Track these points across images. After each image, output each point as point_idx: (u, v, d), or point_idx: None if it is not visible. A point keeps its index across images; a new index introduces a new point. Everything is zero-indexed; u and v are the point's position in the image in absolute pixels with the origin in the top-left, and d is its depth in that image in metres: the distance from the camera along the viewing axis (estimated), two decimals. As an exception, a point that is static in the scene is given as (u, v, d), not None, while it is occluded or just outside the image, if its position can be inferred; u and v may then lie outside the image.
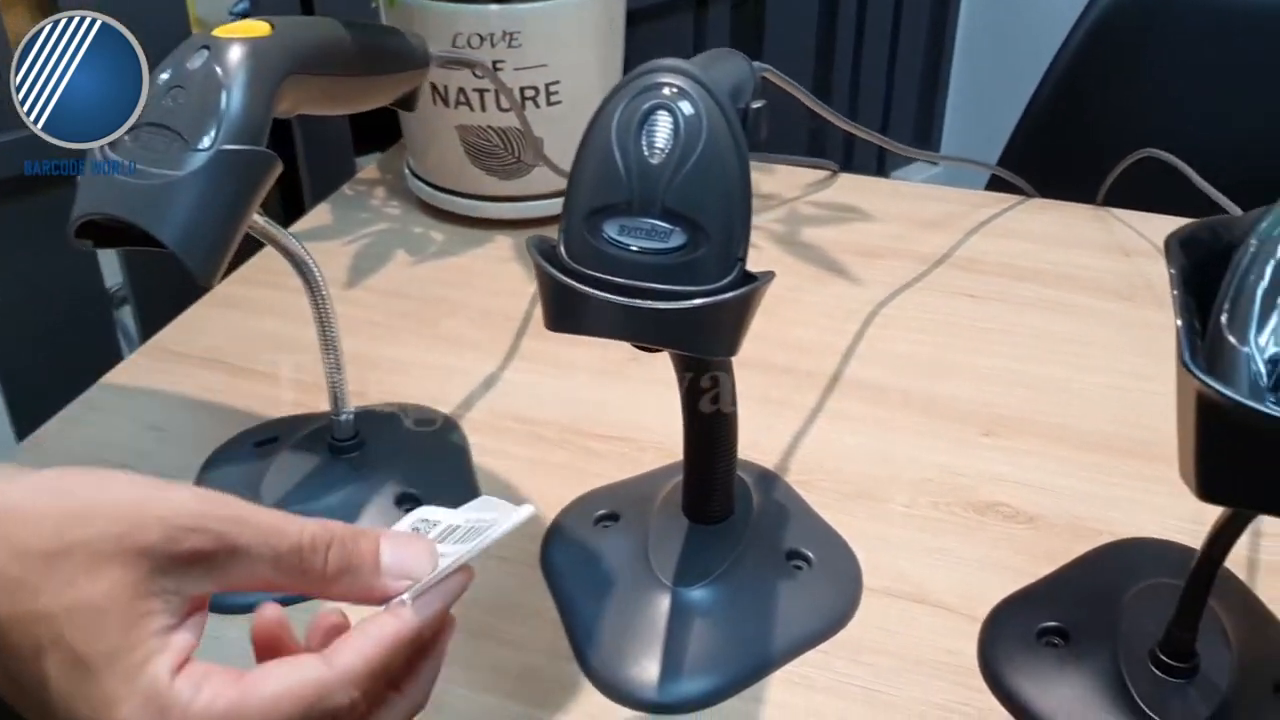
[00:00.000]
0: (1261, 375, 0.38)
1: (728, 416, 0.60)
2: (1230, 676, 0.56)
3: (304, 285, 0.65)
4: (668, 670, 0.59)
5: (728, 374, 0.59)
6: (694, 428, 0.61)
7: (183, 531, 0.35)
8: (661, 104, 0.46)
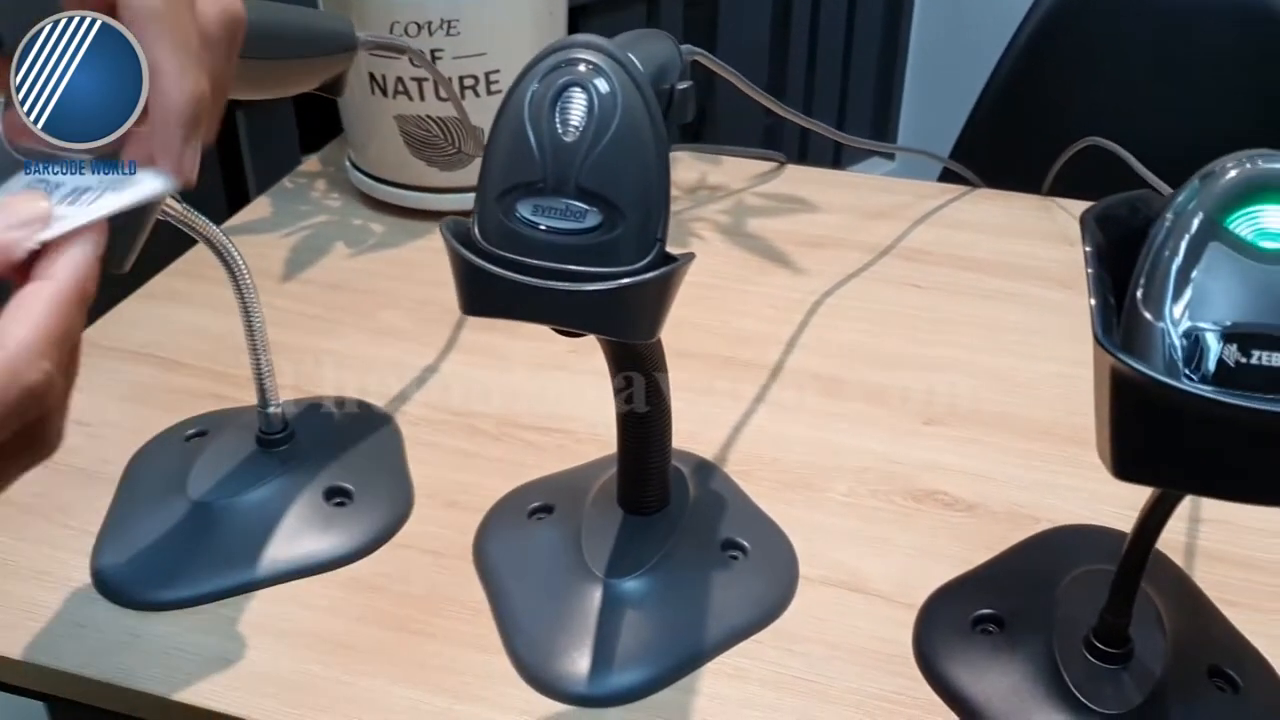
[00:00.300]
0: (1177, 351, 0.37)
1: (661, 413, 0.59)
2: (1165, 661, 0.56)
3: (228, 276, 0.64)
4: (598, 663, 0.58)
5: (661, 373, 0.58)
6: (626, 421, 0.60)
7: None
8: (576, 81, 0.45)
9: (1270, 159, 0.39)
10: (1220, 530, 0.67)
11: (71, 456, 0.73)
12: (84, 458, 0.73)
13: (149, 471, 0.70)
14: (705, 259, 0.94)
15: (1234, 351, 0.37)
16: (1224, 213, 0.38)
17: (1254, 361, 0.37)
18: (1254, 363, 0.37)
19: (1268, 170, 0.38)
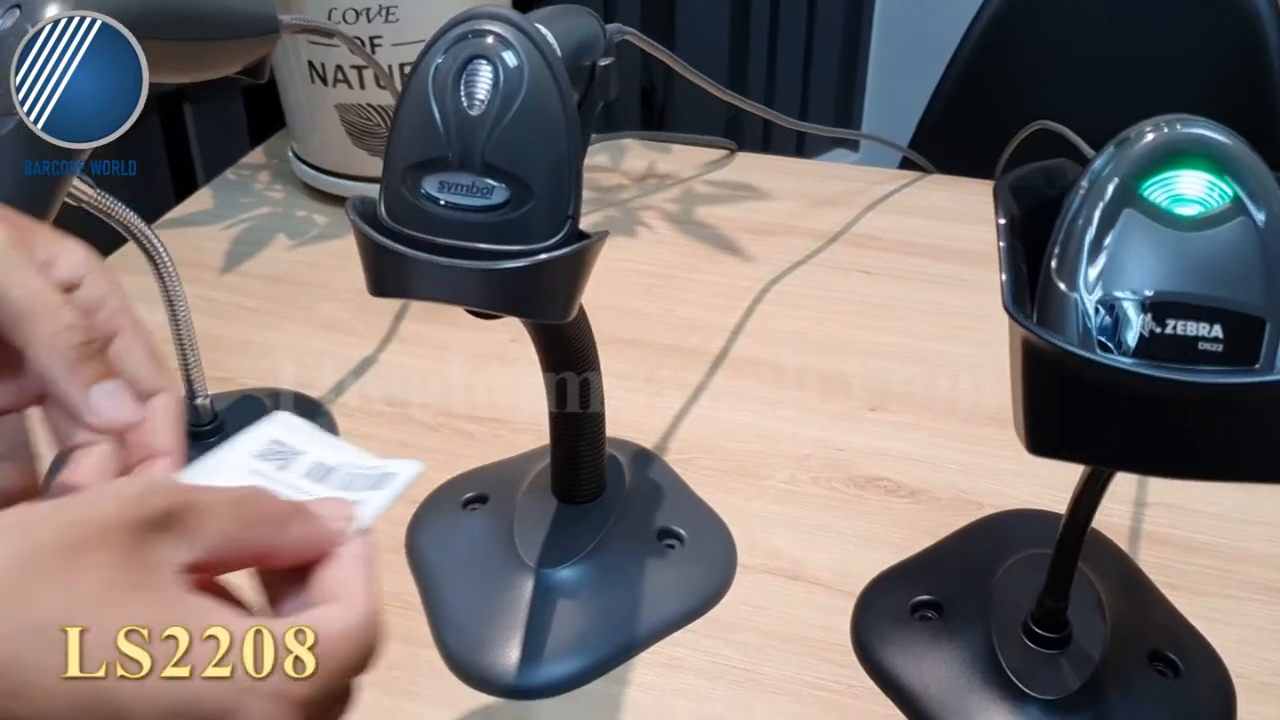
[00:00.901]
0: (1091, 321, 0.36)
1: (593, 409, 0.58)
2: (1104, 646, 0.55)
3: (149, 265, 0.62)
4: (528, 654, 0.57)
5: (594, 372, 0.57)
6: (559, 415, 0.58)
7: (141, 496, 0.32)
8: (482, 53, 0.43)
9: (1189, 123, 0.38)
10: (1165, 514, 0.66)
11: (-4, 452, 0.71)
12: (8, 453, 0.71)
13: (73, 466, 0.68)
14: (652, 248, 0.93)
15: (1149, 321, 0.36)
16: (1139, 178, 0.37)
17: (1168, 331, 0.36)
18: (1168, 332, 0.36)
19: (1185, 135, 0.37)
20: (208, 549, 0.33)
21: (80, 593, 0.30)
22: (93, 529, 0.31)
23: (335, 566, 0.36)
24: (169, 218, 0.98)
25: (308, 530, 0.36)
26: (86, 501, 0.31)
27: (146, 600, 0.31)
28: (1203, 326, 0.35)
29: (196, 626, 0.31)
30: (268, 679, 0.32)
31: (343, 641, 0.34)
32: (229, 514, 0.34)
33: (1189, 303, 0.36)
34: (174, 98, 1.22)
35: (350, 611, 0.34)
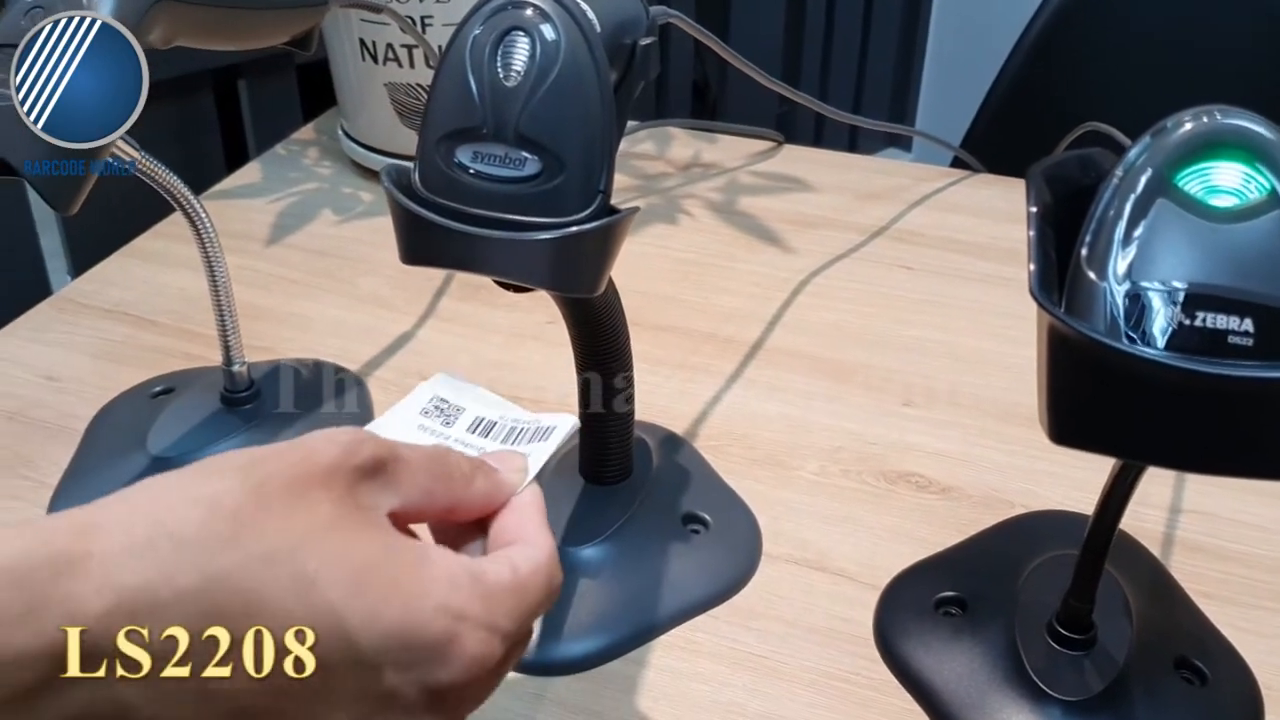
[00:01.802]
0: (1119, 311, 0.36)
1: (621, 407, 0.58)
2: (1129, 650, 0.54)
3: (190, 231, 0.63)
4: (548, 631, 0.57)
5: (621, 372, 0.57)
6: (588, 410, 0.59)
7: (354, 444, 0.35)
8: (520, 25, 0.44)
9: (1228, 114, 0.37)
10: (1200, 521, 0.65)
11: (38, 410, 0.72)
12: (50, 412, 0.72)
13: (112, 426, 0.70)
14: (692, 235, 0.93)
15: (1179, 313, 0.35)
16: (1174, 168, 0.36)
17: (1198, 323, 0.35)
18: (1198, 324, 0.35)
19: (1224, 125, 0.37)
20: (407, 499, 0.36)
21: (307, 526, 0.32)
22: (315, 470, 0.33)
23: (513, 513, 0.39)
24: (217, 189, 0.99)
25: (489, 484, 0.39)
26: (306, 446, 0.34)
27: (367, 536, 0.33)
28: (1233, 320, 0.35)
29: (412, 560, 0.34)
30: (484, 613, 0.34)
31: (535, 577, 0.36)
32: (425, 468, 0.36)
33: (1220, 295, 0.35)
34: (229, 73, 1.24)
35: (538, 550, 0.37)
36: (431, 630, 0.33)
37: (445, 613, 0.33)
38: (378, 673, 0.32)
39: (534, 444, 0.42)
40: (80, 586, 0.29)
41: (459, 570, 0.35)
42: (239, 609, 0.31)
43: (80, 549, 0.30)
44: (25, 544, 0.29)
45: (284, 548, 0.32)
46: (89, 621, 0.29)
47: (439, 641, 0.33)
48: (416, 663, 0.33)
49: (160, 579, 0.30)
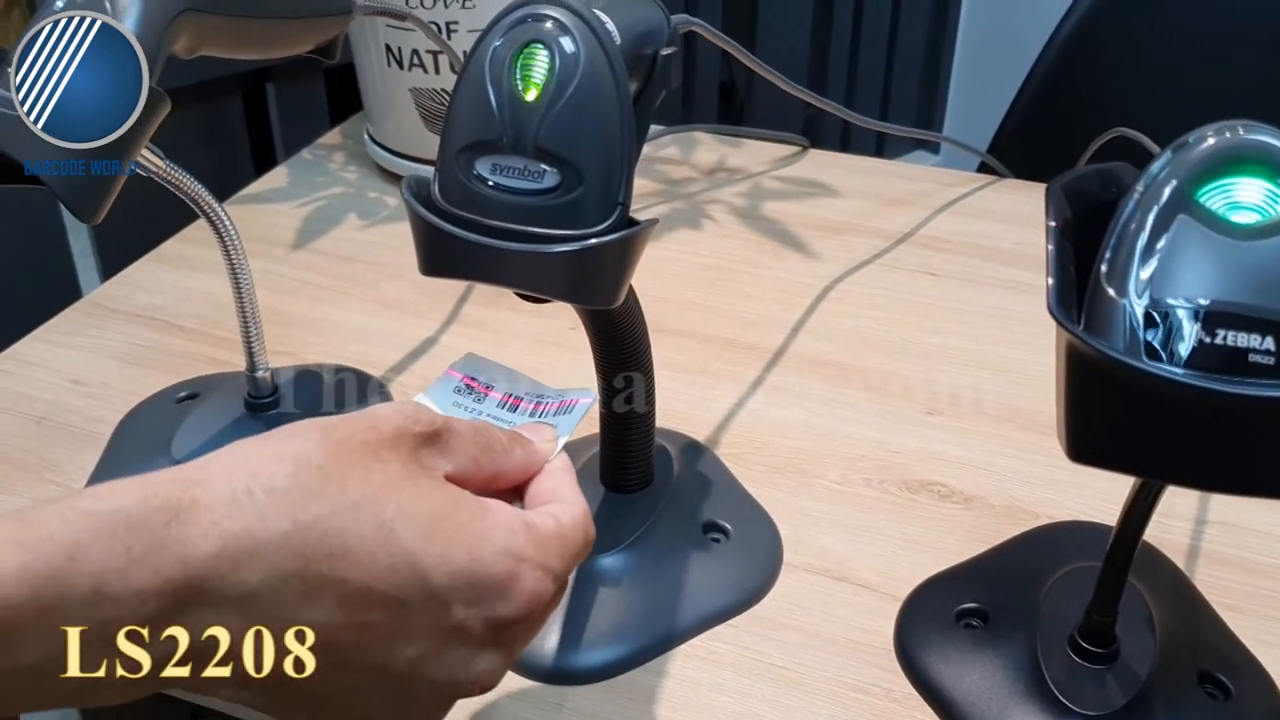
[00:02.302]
0: (1139, 329, 0.35)
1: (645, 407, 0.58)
2: (1152, 663, 0.54)
3: (215, 237, 0.64)
4: (567, 639, 0.57)
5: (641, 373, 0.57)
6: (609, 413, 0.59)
7: (414, 414, 0.39)
8: (539, 38, 0.44)
9: (1251, 129, 0.37)
10: (1226, 533, 0.64)
11: (64, 414, 0.73)
12: (77, 416, 0.73)
13: (137, 431, 0.70)
14: (716, 241, 0.92)
15: (1199, 330, 0.35)
16: (1195, 184, 0.36)
17: (1218, 341, 0.35)
18: (1218, 342, 0.35)
19: (1247, 141, 0.36)
20: (458, 465, 0.39)
21: (383, 480, 0.36)
22: (384, 434, 0.37)
23: (547, 478, 0.43)
24: (244, 194, 1.00)
25: (526, 454, 0.43)
26: (375, 414, 0.38)
27: (434, 490, 0.37)
28: (1254, 338, 0.34)
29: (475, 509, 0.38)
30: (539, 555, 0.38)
31: (575, 528, 0.40)
32: (472, 440, 0.40)
33: (1241, 313, 0.35)
34: (256, 77, 1.24)
35: (574, 507, 0.41)
36: (495, 569, 0.37)
37: (507, 554, 0.37)
38: (448, 608, 0.36)
39: (559, 417, 0.45)
40: (190, 531, 0.33)
41: (515, 519, 0.39)
42: (325, 552, 0.34)
43: (189, 497, 0.33)
44: (141, 493, 0.33)
45: (364, 498, 0.35)
46: (199, 561, 0.32)
47: (502, 579, 0.37)
48: (482, 598, 0.37)
49: (258, 524, 0.34)
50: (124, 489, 0.33)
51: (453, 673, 0.37)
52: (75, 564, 0.31)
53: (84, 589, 0.31)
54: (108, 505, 0.32)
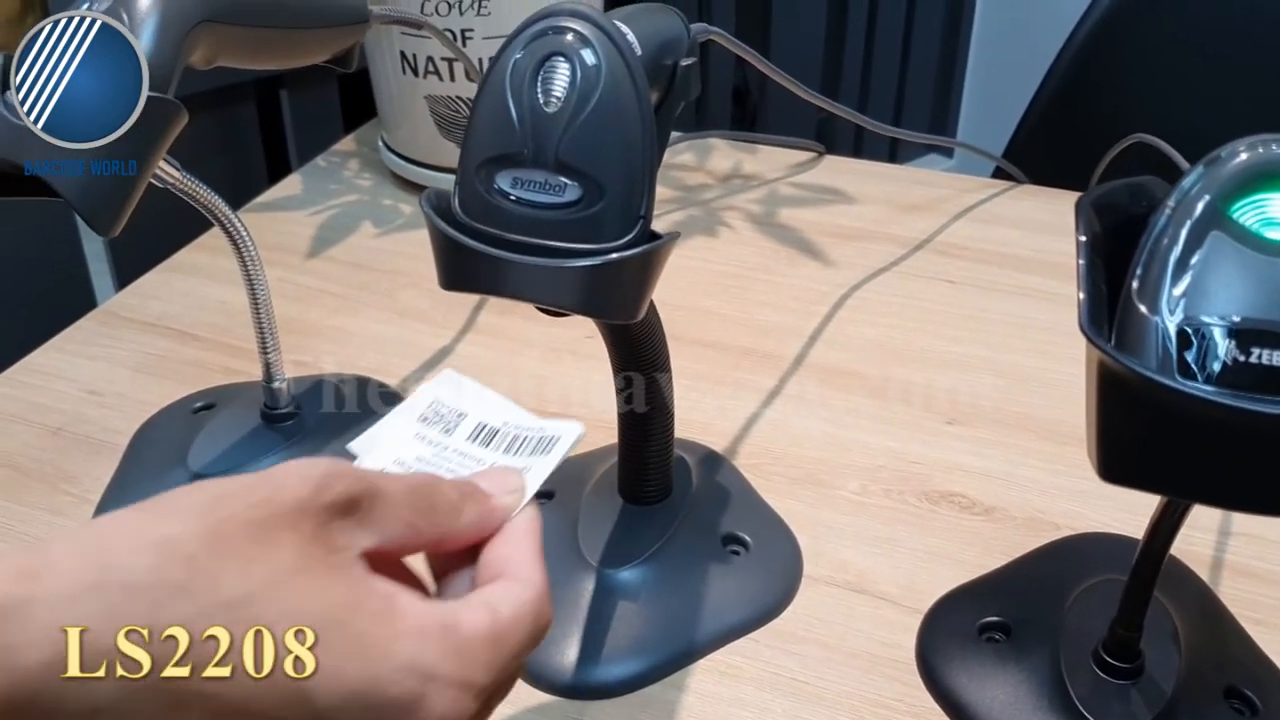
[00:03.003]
0: (1171, 346, 0.35)
1: (661, 410, 0.58)
2: (1178, 679, 0.53)
3: (231, 248, 0.63)
4: (586, 654, 0.57)
5: (663, 373, 0.56)
6: (627, 416, 0.58)
7: (325, 479, 0.32)
8: (560, 50, 0.43)
9: (1284, 144, 0.36)
10: (1250, 545, 0.64)
11: (80, 425, 0.73)
12: (93, 427, 0.73)
13: (153, 442, 0.70)
14: (732, 248, 0.92)
15: (1232, 348, 0.34)
16: (1229, 199, 0.35)
17: (1252, 359, 0.34)
18: (1252, 361, 0.34)
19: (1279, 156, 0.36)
20: (387, 536, 0.33)
21: (266, 574, 0.30)
22: (281, 510, 0.31)
23: (504, 541, 0.36)
24: (258, 201, 1.00)
25: (480, 512, 0.36)
26: (274, 482, 0.32)
27: (335, 582, 0.31)
28: (1290, 357, 0.34)
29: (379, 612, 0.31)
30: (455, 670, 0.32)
31: (517, 624, 0.34)
32: (407, 502, 0.34)
33: (1276, 331, 0.34)
34: (270, 83, 1.24)
35: (524, 589, 0.35)
36: (396, 691, 0.31)
37: (412, 672, 0.31)
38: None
39: (535, 456, 0.40)
40: (18, 635, 0.27)
41: (430, 623, 0.32)
42: None
43: (20, 593, 0.28)
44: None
45: (239, 597, 0.30)
46: (29, 672, 0.27)
47: (403, 702, 0.31)
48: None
49: (107, 628, 0.28)
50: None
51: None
52: None
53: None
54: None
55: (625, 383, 0.57)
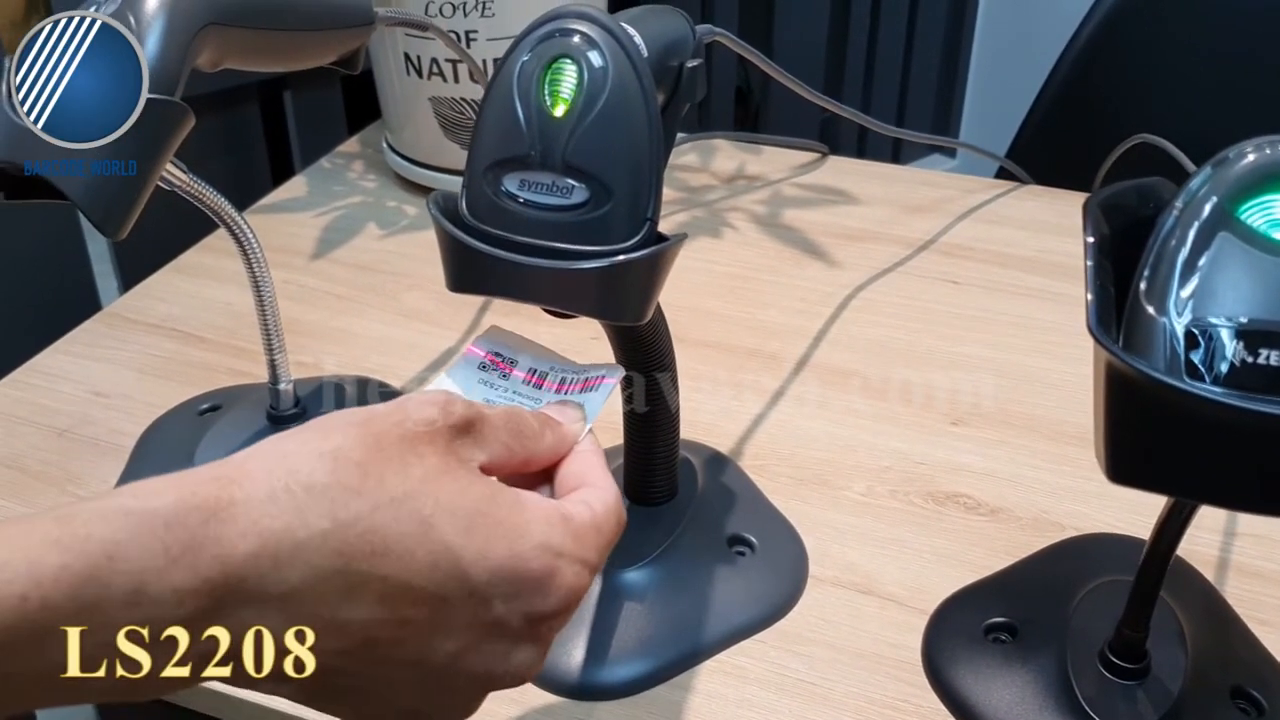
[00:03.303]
0: (1179, 347, 0.35)
1: (665, 411, 0.58)
2: (1184, 679, 0.53)
3: (238, 250, 0.63)
4: (593, 655, 0.57)
5: (665, 372, 0.56)
6: (631, 415, 0.58)
7: (447, 405, 0.38)
8: (567, 53, 0.43)
9: (1291, 146, 0.36)
10: (1256, 545, 0.64)
11: (87, 427, 0.73)
12: (99, 429, 0.73)
13: (160, 444, 0.70)
14: (737, 250, 0.92)
15: (1240, 349, 0.34)
16: (1236, 201, 0.35)
17: (1260, 361, 0.34)
18: (1260, 362, 0.34)
19: (1287, 157, 0.36)
20: (493, 454, 0.39)
21: (421, 475, 0.36)
22: (420, 428, 0.37)
23: (577, 460, 0.43)
24: (263, 203, 1.00)
25: (555, 437, 0.42)
26: (407, 408, 0.38)
27: (471, 484, 0.37)
28: (1298, 358, 0.34)
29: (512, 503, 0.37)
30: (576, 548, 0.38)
31: (609, 515, 0.40)
32: (504, 426, 0.40)
33: (1284, 332, 0.34)
34: (274, 85, 1.24)
35: (606, 492, 0.41)
36: (534, 565, 0.37)
37: (545, 549, 0.37)
38: (488, 603, 0.36)
39: (586, 395, 0.45)
40: (228, 530, 0.32)
41: (552, 512, 0.38)
42: (366, 549, 0.34)
43: (226, 496, 0.33)
44: (178, 492, 0.33)
45: (403, 494, 0.35)
46: (238, 560, 0.32)
47: (541, 575, 0.37)
48: (521, 594, 0.37)
49: (298, 522, 0.33)
50: (161, 487, 0.33)
51: (490, 666, 0.38)
52: (114, 564, 0.31)
53: (123, 589, 0.31)
54: (145, 504, 0.32)
55: (630, 384, 0.57)
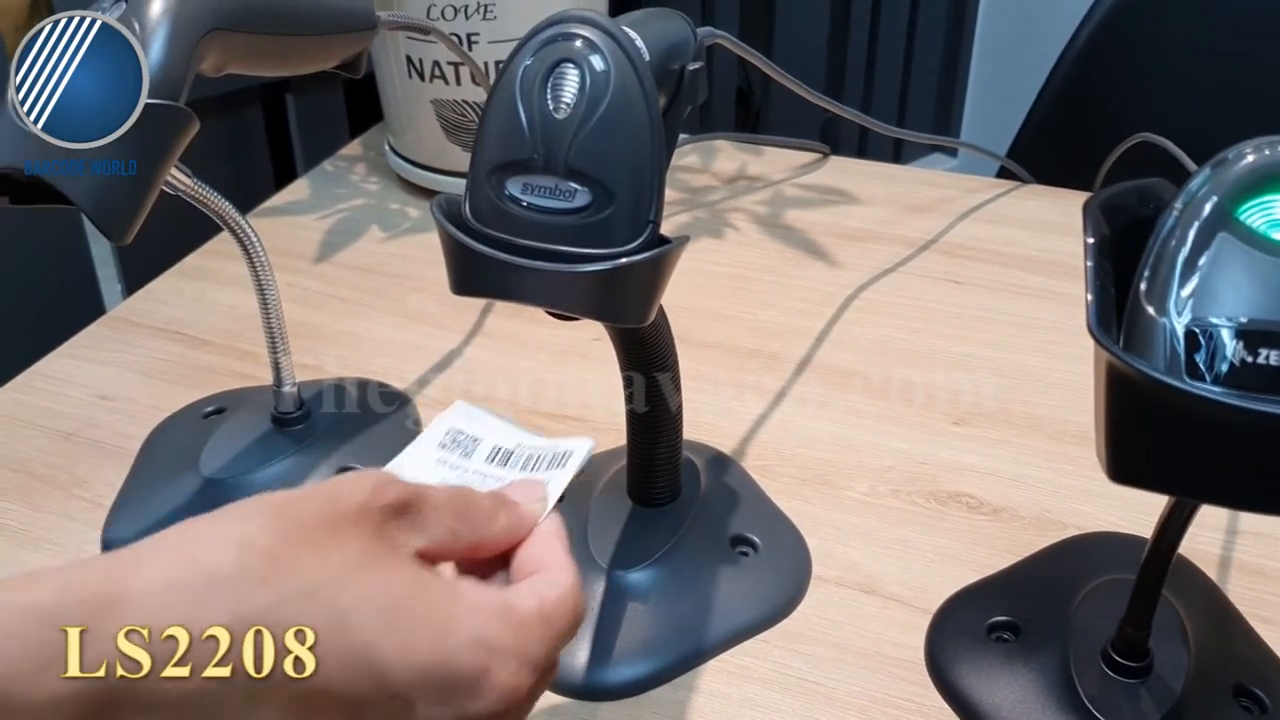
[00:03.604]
0: (1179, 347, 0.35)
1: (667, 410, 0.58)
2: (1186, 678, 0.54)
3: (242, 253, 0.64)
4: (597, 656, 0.57)
5: (667, 372, 0.57)
6: (634, 415, 0.58)
7: (380, 485, 0.35)
8: (570, 57, 0.43)
9: (1290, 146, 0.36)
10: (1258, 543, 0.64)
11: (92, 430, 0.73)
12: (104, 432, 0.73)
13: (165, 447, 0.70)
14: (738, 250, 0.92)
15: (1240, 349, 0.35)
16: (1236, 201, 0.36)
17: (1260, 360, 0.34)
18: (1259, 362, 0.34)
19: (1286, 158, 0.36)
20: (432, 539, 0.36)
21: (340, 564, 0.33)
22: (346, 510, 0.34)
23: (536, 543, 0.39)
24: (266, 206, 1.00)
25: (511, 519, 0.39)
26: (336, 488, 0.35)
27: (398, 573, 0.34)
28: (1297, 357, 0.34)
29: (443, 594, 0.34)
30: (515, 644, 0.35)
31: (561, 606, 0.37)
32: (449, 507, 0.37)
33: (1284, 332, 0.34)
34: (276, 88, 1.25)
35: (562, 578, 0.38)
36: (464, 663, 0.34)
37: (478, 646, 0.34)
38: (410, 708, 0.33)
39: (552, 470, 0.43)
40: (111, 628, 0.30)
41: (489, 602, 0.35)
42: None
43: (113, 590, 0.30)
44: (60, 585, 0.30)
45: (317, 585, 0.32)
46: None
47: (472, 674, 0.34)
48: (450, 696, 0.33)
49: (195, 616, 0.30)
50: (44, 580, 0.30)
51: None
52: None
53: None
54: (22, 599, 0.29)
55: (633, 385, 0.57)
